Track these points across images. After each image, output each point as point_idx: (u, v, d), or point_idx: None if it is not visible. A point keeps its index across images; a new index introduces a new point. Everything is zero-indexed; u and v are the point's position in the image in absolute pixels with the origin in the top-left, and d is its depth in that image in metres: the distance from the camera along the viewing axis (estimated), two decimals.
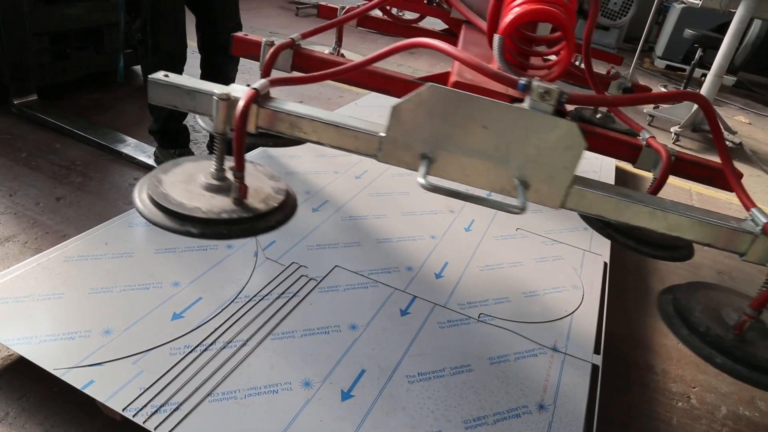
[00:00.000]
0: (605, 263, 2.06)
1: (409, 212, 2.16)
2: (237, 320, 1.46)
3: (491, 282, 1.83)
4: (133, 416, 1.15)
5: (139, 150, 2.54)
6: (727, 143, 4.15)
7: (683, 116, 4.34)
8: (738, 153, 4.26)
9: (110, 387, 1.20)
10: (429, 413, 1.30)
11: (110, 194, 2.21)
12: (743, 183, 1.22)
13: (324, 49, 2.00)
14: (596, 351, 1.60)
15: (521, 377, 1.46)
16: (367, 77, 1.45)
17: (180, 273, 1.58)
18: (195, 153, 2.62)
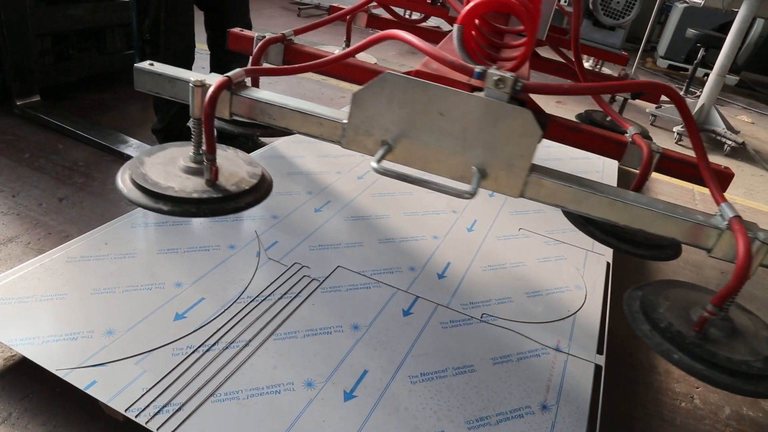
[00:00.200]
0: (608, 263, 2.05)
1: (412, 212, 2.16)
2: (239, 321, 1.46)
3: (494, 282, 1.83)
4: (136, 417, 1.15)
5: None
6: (730, 143, 4.14)
7: None
8: (741, 153, 4.25)
9: (113, 387, 1.20)
10: (432, 413, 1.30)
11: (113, 195, 2.21)
12: (746, 182, 1.21)
13: (335, 50, 2.03)
14: (599, 351, 1.60)
15: (524, 377, 1.45)
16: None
17: (182, 273, 1.58)
18: None
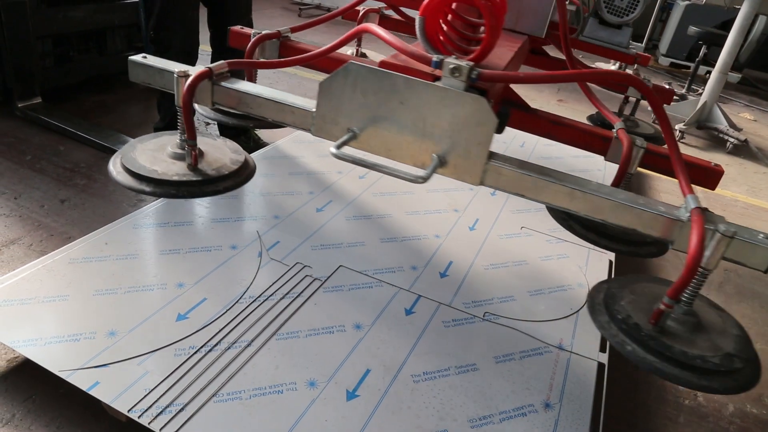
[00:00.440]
0: (610, 261, 2.05)
1: (413, 212, 2.16)
2: (241, 321, 1.46)
3: (496, 281, 1.83)
4: (139, 417, 1.15)
5: None
6: (733, 140, 4.13)
7: (688, 113, 4.32)
8: (743, 150, 4.24)
9: (115, 388, 1.20)
10: (434, 412, 1.30)
11: (114, 196, 2.21)
12: (749, 180, 1.21)
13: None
14: (602, 349, 1.59)
15: (527, 376, 1.45)
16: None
17: (184, 274, 1.58)
18: None
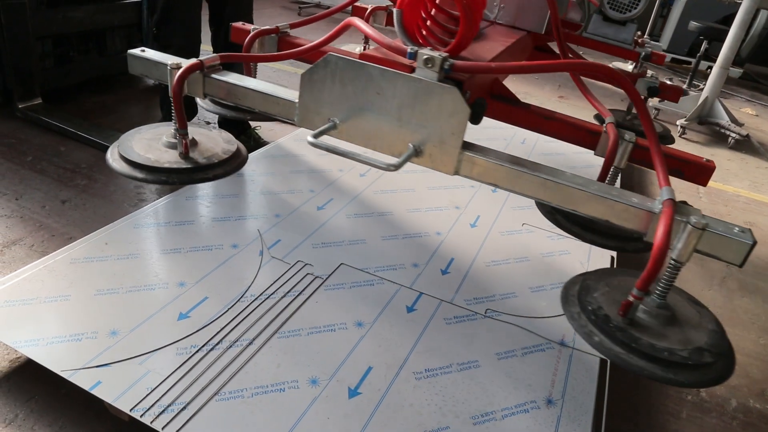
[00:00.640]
0: (612, 257, 2.04)
1: (415, 209, 2.16)
2: (243, 319, 1.46)
3: (498, 277, 1.83)
4: (141, 416, 1.15)
5: None
6: (735, 136, 4.12)
7: (689, 109, 4.31)
8: (745, 145, 4.23)
9: (117, 388, 1.20)
10: (437, 409, 1.30)
11: (115, 196, 2.22)
12: (751, 174, 1.20)
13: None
14: None
15: (529, 372, 1.45)
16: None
17: (185, 273, 1.58)
18: None
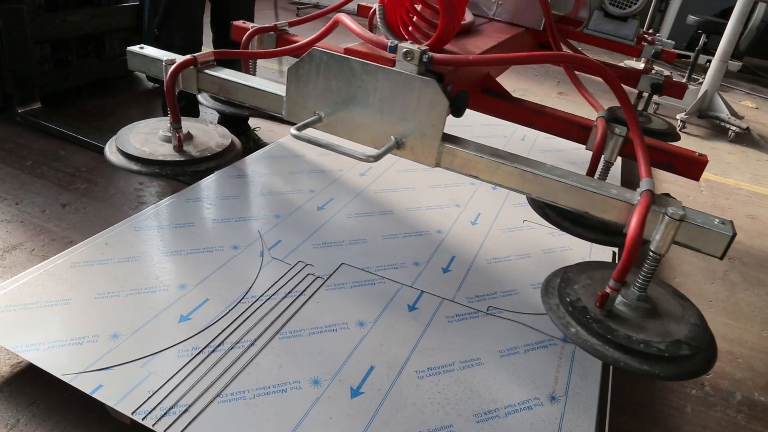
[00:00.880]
0: (614, 253, 2.04)
1: (415, 208, 2.15)
2: (244, 321, 1.45)
3: (499, 275, 1.82)
4: (143, 419, 1.15)
5: None
6: (735, 129, 4.11)
7: (689, 103, 4.30)
8: (746, 138, 4.22)
9: (119, 391, 1.20)
10: (440, 408, 1.29)
11: (115, 199, 2.21)
12: (752, 167, 1.19)
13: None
14: None
15: (532, 369, 1.44)
16: None
17: (186, 275, 1.58)
18: None
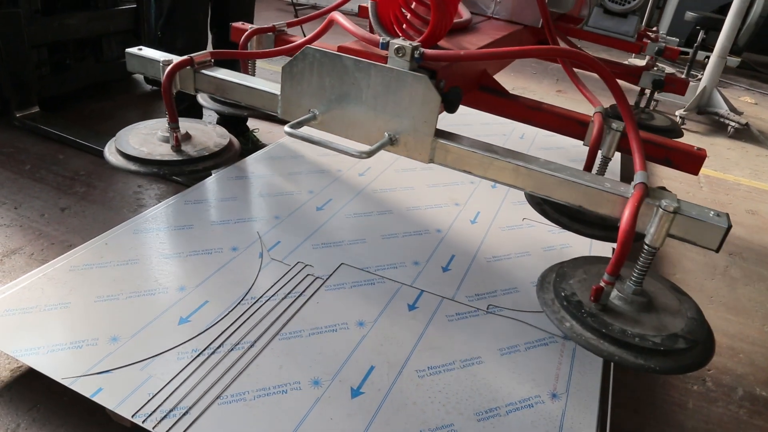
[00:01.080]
0: (613, 249, 2.03)
1: (414, 207, 2.15)
2: (244, 322, 1.45)
3: (499, 273, 1.82)
4: (143, 422, 1.15)
5: None
6: (734, 124, 4.11)
7: (688, 99, 4.29)
8: (745, 134, 4.21)
9: (119, 394, 1.20)
10: (440, 407, 1.29)
11: (114, 203, 2.21)
12: (752, 163, 1.19)
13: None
14: None
15: (532, 367, 1.44)
16: None
17: (185, 277, 1.58)
18: None
